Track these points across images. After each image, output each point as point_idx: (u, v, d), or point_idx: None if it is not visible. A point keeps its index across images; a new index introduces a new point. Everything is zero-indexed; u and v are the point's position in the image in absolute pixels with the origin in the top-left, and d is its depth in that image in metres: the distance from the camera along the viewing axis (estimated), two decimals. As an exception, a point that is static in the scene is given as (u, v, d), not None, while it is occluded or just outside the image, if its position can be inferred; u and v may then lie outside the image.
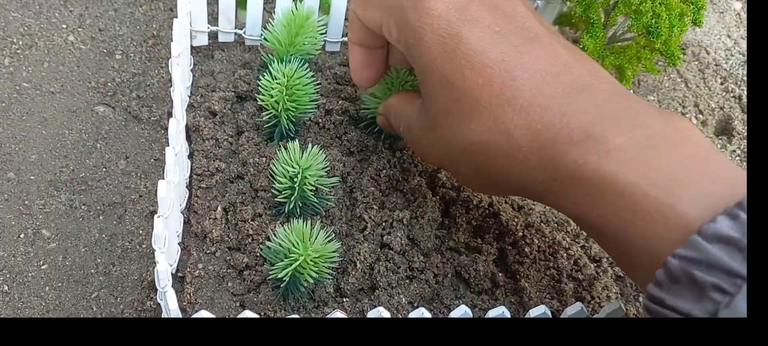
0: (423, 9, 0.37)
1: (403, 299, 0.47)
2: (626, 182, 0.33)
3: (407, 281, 0.48)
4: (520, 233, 0.52)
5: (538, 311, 0.41)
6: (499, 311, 0.40)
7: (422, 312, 0.39)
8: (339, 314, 0.38)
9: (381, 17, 0.41)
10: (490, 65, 0.36)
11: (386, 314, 0.39)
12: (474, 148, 0.38)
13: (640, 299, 0.52)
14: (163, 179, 0.41)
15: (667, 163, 0.33)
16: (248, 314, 0.36)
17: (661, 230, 0.32)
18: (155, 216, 0.39)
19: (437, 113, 0.39)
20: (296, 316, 0.36)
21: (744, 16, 0.82)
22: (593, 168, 0.34)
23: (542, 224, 0.53)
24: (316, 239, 0.42)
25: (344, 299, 0.47)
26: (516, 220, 0.52)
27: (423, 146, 0.43)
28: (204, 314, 0.36)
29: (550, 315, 0.42)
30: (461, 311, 0.40)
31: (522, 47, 0.37)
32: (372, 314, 0.39)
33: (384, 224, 0.50)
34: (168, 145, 0.42)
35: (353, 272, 0.47)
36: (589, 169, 0.34)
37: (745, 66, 0.74)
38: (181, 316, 0.38)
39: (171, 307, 0.37)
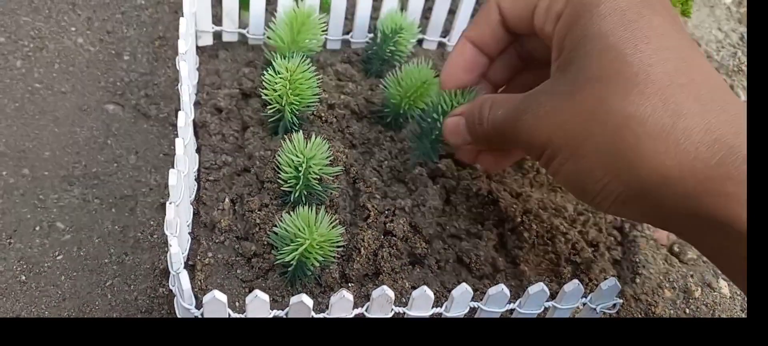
0: None
1: (407, 284, 0.49)
2: None
3: (410, 266, 0.50)
4: (519, 219, 0.53)
5: (536, 288, 0.43)
6: (499, 288, 0.42)
7: (424, 290, 0.41)
8: (345, 293, 0.39)
9: None
10: (669, 48, 0.35)
11: (390, 293, 0.40)
12: (627, 122, 0.34)
13: (637, 280, 0.53)
14: (174, 169, 0.42)
15: None
16: (259, 294, 0.38)
17: None
18: (167, 203, 0.40)
19: (589, 80, 0.36)
20: (305, 296, 0.38)
21: (734, 9, 0.84)
22: None
23: (541, 210, 0.55)
24: (321, 224, 0.44)
25: (350, 284, 0.48)
26: (515, 206, 0.54)
27: (544, 114, 0.38)
28: (216, 294, 0.37)
29: (547, 292, 0.43)
30: (461, 289, 0.41)
31: (693, 48, 0.36)
32: (376, 293, 0.40)
33: (387, 212, 0.52)
34: (177, 138, 0.44)
35: (358, 259, 0.49)
36: None
37: (735, 57, 0.76)
38: (193, 296, 0.40)
39: (184, 287, 0.38)
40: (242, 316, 0.40)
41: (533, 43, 0.46)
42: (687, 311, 0.51)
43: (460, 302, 0.43)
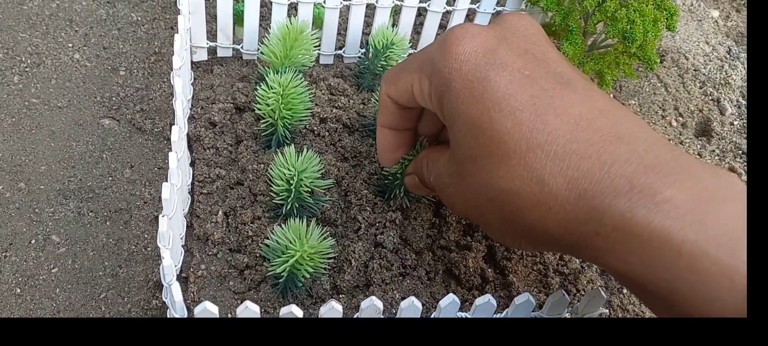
0: (451, 53, 0.37)
1: (397, 295, 0.49)
2: (683, 239, 0.29)
3: (400, 277, 0.51)
4: (508, 231, 0.54)
5: (522, 299, 0.44)
6: (486, 299, 0.43)
7: (412, 301, 0.41)
8: (334, 304, 0.40)
9: (412, 79, 0.41)
10: (519, 108, 0.34)
11: (379, 304, 0.41)
12: (504, 197, 0.35)
13: (624, 291, 0.54)
14: (167, 182, 0.43)
15: (725, 220, 0.29)
16: (249, 305, 0.39)
17: (725, 292, 0.29)
18: (160, 216, 0.41)
19: (465, 160, 0.37)
20: (295, 307, 0.39)
21: (721, 23, 0.85)
22: (643, 222, 0.30)
23: (528, 222, 0.55)
24: (311, 235, 0.45)
25: (340, 296, 0.49)
26: (503, 218, 0.55)
27: (451, 195, 0.41)
28: (207, 305, 0.38)
29: (533, 302, 0.44)
30: (449, 299, 0.42)
31: (553, 92, 0.35)
32: (365, 304, 0.41)
33: (377, 224, 0.53)
34: (170, 152, 0.45)
35: (349, 270, 0.50)
36: (639, 224, 0.30)
37: (722, 71, 0.77)
38: (185, 308, 0.40)
39: (176, 299, 0.39)
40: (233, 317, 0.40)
41: None
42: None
43: (448, 312, 0.43)
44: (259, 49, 0.62)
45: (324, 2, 0.63)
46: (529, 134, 0.34)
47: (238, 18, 0.64)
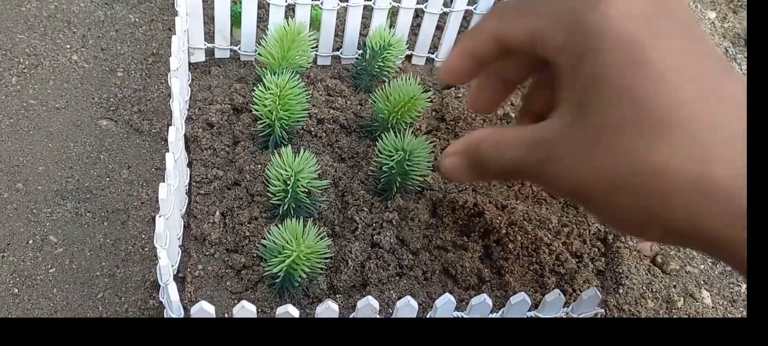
0: (606, 9, 0.33)
1: (394, 295, 0.50)
2: None
3: (397, 277, 0.51)
4: (504, 231, 0.54)
5: (518, 298, 0.44)
6: (481, 298, 0.43)
7: (408, 301, 0.42)
8: (330, 304, 0.40)
9: (540, 24, 0.37)
10: (684, 86, 0.31)
11: (375, 304, 0.41)
12: (654, 173, 0.32)
13: (620, 290, 0.54)
14: (164, 182, 0.43)
15: None
16: (246, 305, 0.39)
17: None
18: (157, 216, 0.41)
19: (605, 128, 0.33)
20: (291, 307, 0.39)
21: (718, 24, 0.85)
22: None
23: (525, 222, 0.56)
24: (308, 236, 0.45)
25: (337, 296, 0.49)
26: (500, 218, 0.55)
27: (567, 167, 0.35)
28: (204, 305, 0.38)
29: (529, 302, 0.44)
30: (445, 299, 0.42)
31: (717, 75, 0.32)
32: (361, 303, 0.41)
33: (374, 224, 0.53)
34: (167, 153, 0.45)
35: (345, 270, 0.50)
36: None
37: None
38: (181, 307, 0.40)
39: (172, 298, 0.39)
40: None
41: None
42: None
43: (444, 311, 0.44)
44: (256, 51, 0.62)
45: (321, 4, 0.63)
46: (694, 113, 0.31)
47: (236, 19, 0.64)
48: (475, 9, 0.68)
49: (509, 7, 0.39)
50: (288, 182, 0.48)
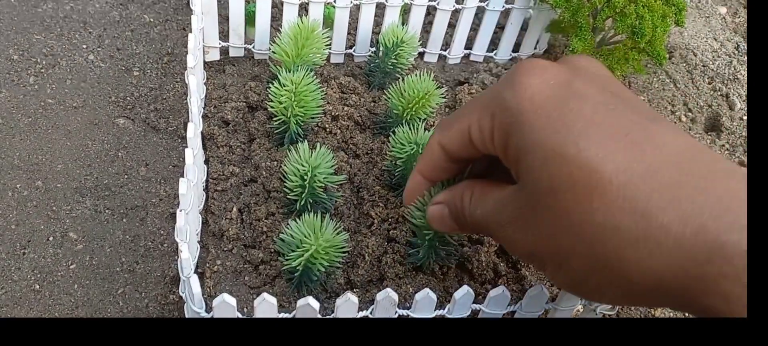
0: (521, 85, 0.34)
1: (411, 289, 0.50)
2: None
3: (413, 272, 0.51)
4: (519, 225, 0.54)
5: (535, 290, 0.44)
6: (499, 290, 0.43)
7: (427, 293, 0.42)
8: (350, 296, 0.40)
9: (469, 120, 0.38)
10: (612, 137, 0.31)
11: (394, 296, 0.41)
12: (598, 233, 0.31)
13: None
14: (183, 178, 0.44)
15: None
16: (267, 297, 0.39)
17: None
18: (177, 211, 0.42)
19: (543, 193, 0.33)
20: (312, 299, 0.39)
21: (729, 19, 0.85)
22: None
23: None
24: (326, 230, 0.45)
25: (355, 290, 0.50)
26: (514, 213, 0.55)
27: (513, 233, 0.36)
28: (226, 297, 0.39)
29: (547, 294, 0.44)
30: (463, 291, 0.42)
31: (645, 125, 0.32)
32: (380, 296, 0.41)
33: (390, 219, 0.53)
34: (186, 149, 0.46)
35: (362, 265, 0.50)
36: None
37: (731, 66, 0.78)
38: (203, 301, 0.41)
39: (195, 291, 0.40)
40: (250, 317, 0.41)
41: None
42: (686, 312, 0.52)
43: (462, 304, 0.44)
44: (270, 49, 0.62)
45: (334, 2, 0.63)
46: (626, 164, 0.30)
47: (250, 18, 0.65)
48: (487, 5, 0.68)
49: (448, 118, 0.41)
50: (305, 178, 0.49)
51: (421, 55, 0.71)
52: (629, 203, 0.30)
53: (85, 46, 0.67)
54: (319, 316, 0.41)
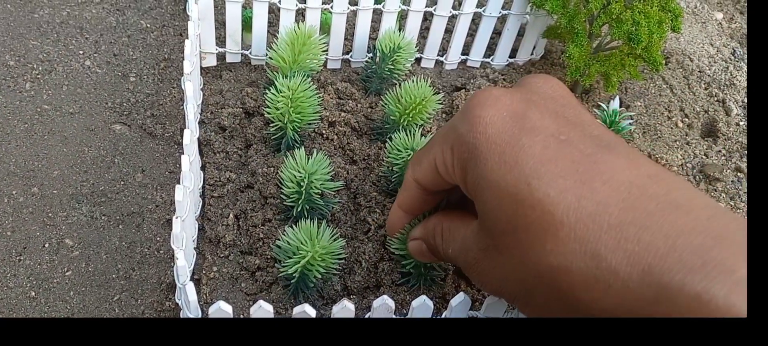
0: (474, 118, 0.34)
1: (408, 296, 0.50)
2: None
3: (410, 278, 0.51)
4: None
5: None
6: (494, 299, 0.43)
7: (424, 300, 0.42)
8: (347, 303, 0.40)
9: (434, 153, 0.38)
10: (562, 175, 0.31)
11: (391, 303, 0.41)
12: (553, 274, 0.31)
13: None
14: (180, 185, 0.44)
15: None
16: (263, 305, 0.39)
17: None
18: (173, 218, 0.42)
19: (501, 233, 0.33)
20: (308, 306, 0.39)
21: (725, 25, 0.86)
22: (723, 304, 0.26)
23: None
24: (322, 236, 0.45)
25: (351, 297, 0.50)
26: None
27: (482, 272, 0.36)
28: (222, 305, 0.39)
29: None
30: (459, 298, 0.42)
31: (596, 156, 0.32)
32: (377, 303, 0.41)
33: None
34: (182, 156, 0.45)
35: (359, 271, 0.50)
36: (720, 307, 0.26)
37: (727, 72, 0.78)
38: (199, 308, 0.41)
39: (190, 299, 0.39)
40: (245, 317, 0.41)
41: None
42: None
43: (459, 310, 0.44)
44: (267, 55, 0.62)
45: (331, 7, 0.63)
46: (576, 203, 0.30)
47: (247, 24, 0.65)
48: (483, 11, 0.68)
49: (418, 152, 0.42)
50: (302, 184, 0.49)
51: (418, 60, 0.71)
52: (580, 244, 0.30)
53: (81, 52, 0.67)
54: (316, 323, 0.40)
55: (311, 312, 0.39)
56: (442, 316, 0.45)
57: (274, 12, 0.72)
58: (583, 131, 0.33)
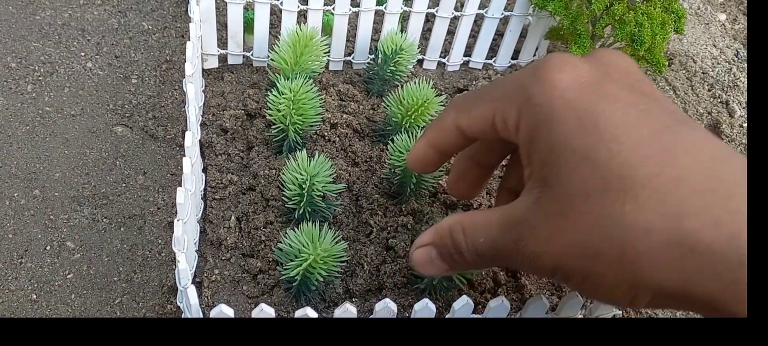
0: (550, 81, 0.34)
1: (410, 299, 0.50)
2: None
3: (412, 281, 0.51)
4: (519, 234, 0.54)
5: (535, 301, 0.44)
6: (499, 301, 0.43)
7: (426, 303, 0.42)
8: (349, 307, 0.40)
9: (492, 108, 0.37)
10: (643, 142, 0.31)
11: (393, 306, 0.41)
12: (628, 236, 0.30)
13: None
14: (181, 187, 0.44)
15: None
16: (265, 308, 0.39)
17: None
18: (175, 220, 0.42)
19: (571, 198, 0.32)
20: (310, 309, 0.39)
21: (728, 26, 0.85)
22: None
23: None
24: (324, 239, 0.45)
25: (353, 300, 0.49)
26: (514, 221, 0.55)
27: (542, 241, 0.34)
28: (223, 308, 0.38)
29: (547, 304, 0.44)
30: (463, 302, 0.42)
31: (676, 128, 0.31)
32: (379, 306, 0.41)
33: (389, 228, 0.53)
34: (184, 158, 0.45)
35: (361, 274, 0.50)
36: None
37: (731, 73, 0.78)
38: (200, 311, 0.41)
39: (192, 302, 0.39)
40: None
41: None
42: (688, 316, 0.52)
43: (461, 314, 0.44)
44: (269, 56, 0.62)
45: (333, 9, 0.63)
46: (658, 169, 0.30)
47: (248, 26, 0.64)
48: (486, 12, 0.68)
49: (466, 97, 0.40)
50: (303, 186, 0.48)
51: (420, 62, 0.71)
52: (662, 205, 0.29)
53: (83, 54, 0.67)
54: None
55: (313, 315, 0.39)
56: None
57: (275, 14, 0.72)
58: (660, 106, 0.33)
